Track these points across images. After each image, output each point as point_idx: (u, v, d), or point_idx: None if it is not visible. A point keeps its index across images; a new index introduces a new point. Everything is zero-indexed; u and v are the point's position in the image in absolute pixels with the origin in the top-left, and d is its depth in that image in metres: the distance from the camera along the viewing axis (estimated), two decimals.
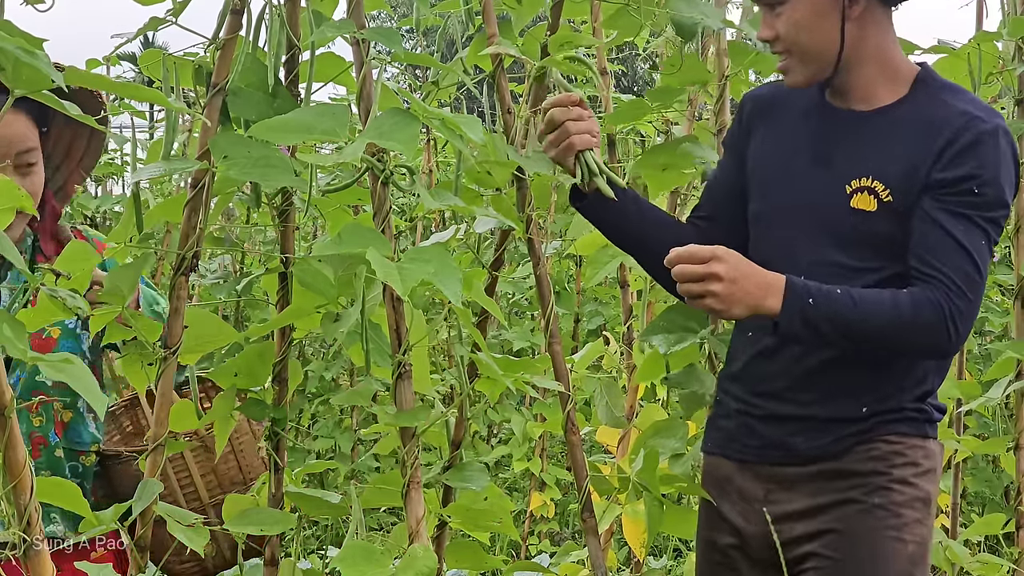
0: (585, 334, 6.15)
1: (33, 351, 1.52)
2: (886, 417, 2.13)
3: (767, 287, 2.00)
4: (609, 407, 2.76)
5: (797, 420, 2.16)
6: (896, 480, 2.12)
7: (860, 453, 2.13)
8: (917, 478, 2.14)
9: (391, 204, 1.96)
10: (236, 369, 2.24)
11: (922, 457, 2.15)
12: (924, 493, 2.15)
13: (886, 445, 2.13)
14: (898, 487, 2.12)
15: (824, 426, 2.14)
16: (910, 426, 2.14)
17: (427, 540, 1.90)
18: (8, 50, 1.40)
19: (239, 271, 6.43)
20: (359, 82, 1.97)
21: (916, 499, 2.13)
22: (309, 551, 5.33)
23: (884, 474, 2.12)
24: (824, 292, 2.00)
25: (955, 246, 1.99)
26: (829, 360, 2.12)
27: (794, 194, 2.15)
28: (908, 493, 2.12)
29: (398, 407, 1.95)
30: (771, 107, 2.25)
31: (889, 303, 2.00)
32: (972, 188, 2.00)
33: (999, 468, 5.56)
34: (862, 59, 2.09)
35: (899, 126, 2.07)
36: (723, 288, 1.97)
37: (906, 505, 2.12)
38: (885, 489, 2.12)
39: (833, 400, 2.14)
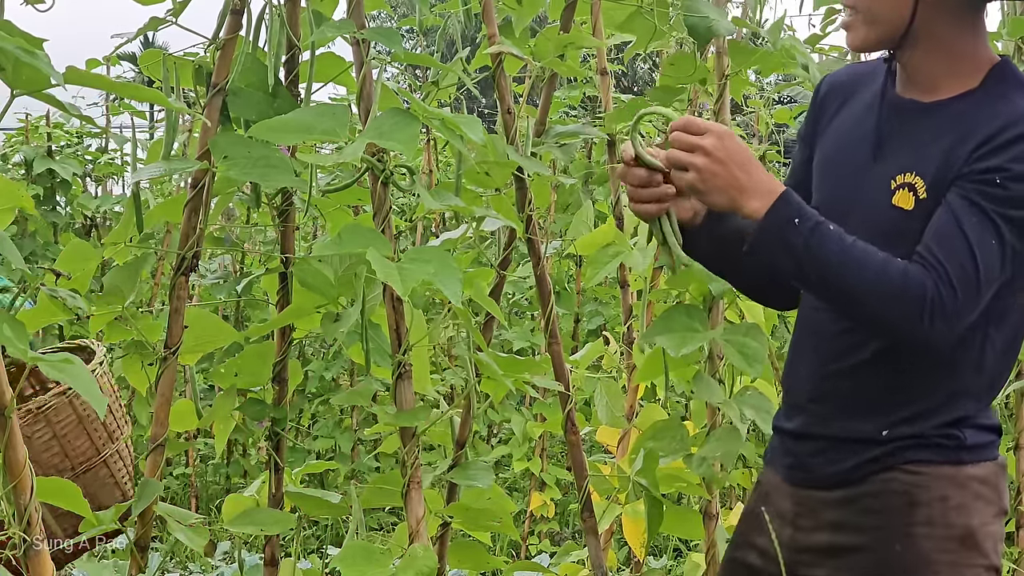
0: (585, 334, 6.15)
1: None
2: (907, 443, 1.91)
3: (757, 184, 1.83)
4: (609, 407, 2.76)
5: (818, 439, 1.99)
6: (920, 522, 1.89)
7: (879, 484, 1.92)
8: (947, 514, 1.89)
9: (391, 204, 1.96)
10: (236, 369, 2.24)
11: (953, 488, 1.89)
12: (960, 530, 1.88)
13: (906, 476, 1.91)
14: (923, 530, 1.88)
15: (843, 447, 1.96)
16: (936, 453, 1.91)
17: (427, 540, 1.90)
18: (8, 50, 1.40)
19: (239, 271, 6.43)
20: (359, 82, 1.97)
21: (948, 539, 1.88)
22: (309, 551, 5.33)
23: (906, 514, 1.90)
24: (817, 219, 1.83)
25: (959, 235, 1.80)
26: (848, 369, 1.96)
27: (845, 189, 1.98)
28: (937, 535, 1.88)
29: (398, 407, 1.95)
30: (844, 93, 2.08)
31: (879, 261, 1.81)
32: (995, 179, 1.80)
33: None
34: (931, 43, 1.91)
35: (953, 120, 1.89)
36: (706, 164, 1.83)
37: (936, 550, 1.88)
38: (907, 536, 1.89)
39: (851, 418, 1.96)
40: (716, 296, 2.62)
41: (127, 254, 2.25)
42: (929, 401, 1.92)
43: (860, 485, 1.94)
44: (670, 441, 2.62)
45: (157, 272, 5.91)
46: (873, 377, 1.95)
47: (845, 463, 1.96)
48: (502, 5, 2.46)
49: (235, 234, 5.97)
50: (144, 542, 2.06)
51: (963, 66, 1.92)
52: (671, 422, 2.67)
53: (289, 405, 2.29)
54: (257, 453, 6.35)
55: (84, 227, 6.91)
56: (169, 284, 2.07)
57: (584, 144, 5.75)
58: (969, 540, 1.89)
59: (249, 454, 6.42)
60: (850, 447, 1.96)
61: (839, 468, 1.97)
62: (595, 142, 5.16)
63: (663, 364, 2.69)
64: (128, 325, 2.17)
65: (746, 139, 5.88)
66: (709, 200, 1.87)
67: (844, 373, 1.97)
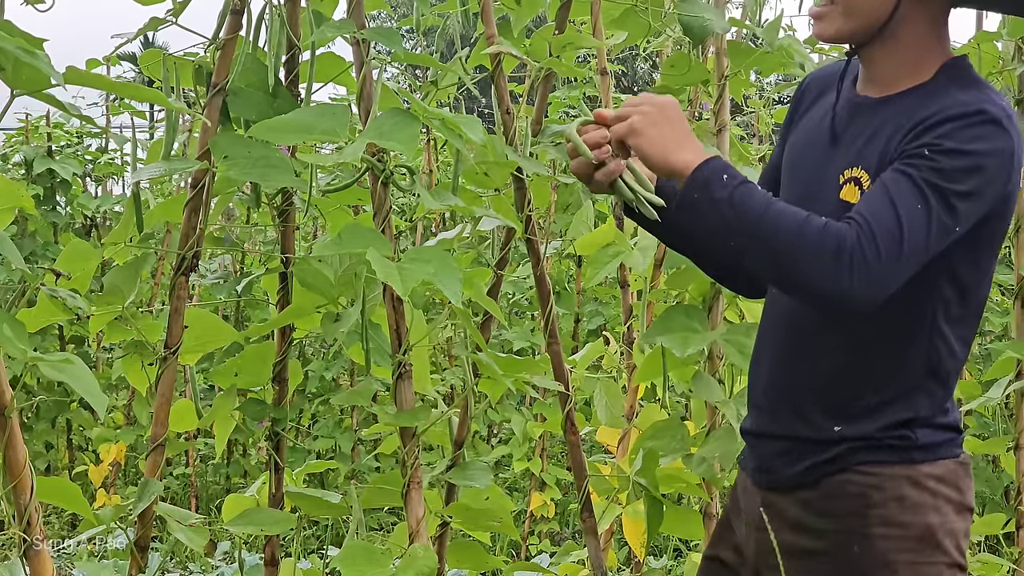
0: (585, 334, 6.15)
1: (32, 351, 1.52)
2: (859, 444, 1.91)
3: (691, 142, 1.86)
4: (609, 407, 2.76)
5: (775, 439, 2.00)
6: (876, 523, 1.88)
7: (835, 485, 1.92)
8: (904, 513, 1.88)
9: (391, 204, 1.97)
10: (236, 369, 2.24)
11: (908, 487, 1.89)
12: (917, 529, 1.88)
13: (861, 476, 1.90)
14: (879, 530, 1.88)
15: (799, 448, 1.96)
16: (890, 453, 1.90)
17: (427, 540, 1.90)
18: (8, 50, 1.40)
19: (239, 271, 6.43)
20: (359, 82, 1.97)
21: (905, 539, 1.88)
22: (309, 551, 5.33)
23: (861, 516, 1.89)
24: (745, 179, 1.82)
25: (885, 199, 1.78)
26: (801, 364, 1.96)
27: (803, 185, 2.01)
28: (893, 535, 1.88)
29: (398, 407, 1.95)
30: (819, 89, 2.10)
31: (803, 215, 1.78)
32: (924, 151, 1.79)
33: (999, 468, 5.56)
34: (900, 42, 1.93)
35: (897, 113, 1.90)
36: (641, 121, 1.86)
37: (894, 550, 1.87)
38: (864, 537, 1.88)
39: (802, 414, 1.96)
40: (716, 295, 2.62)
41: (127, 254, 2.25)
42: (881, 395, 1.91)
43: (817, 487, 1.94)
44: (670, 441, 2.62)
45: (157, 272, 5.91)
46: (824, 372, 1.95)
47: (801, 463, 1.96)
48: (499, 5, 2.46)
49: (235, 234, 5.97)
50: (144, 542, 2.06)
51: (921, 66, 1.94)
52: (671, 422, 2.67)
53: (289, 405, 2.29)
54: (257, 453, 6.35)
55: (84, 227, 6.91)
56: (169, 284, 2.07)
57: None
58: (928, 539, 1.89)
59: (249, 454, 6.42)
60: (806, 447, 1.96)
61: (796, 469, 1.97)
62: None
63: (662, 364, 2.69)
64: (128, 325, 2.18)
65: (746, 139, 5.88)
66: (643, 151, 1.87)
67: (796, 368, 1.98)
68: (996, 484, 5.70)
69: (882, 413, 1.91)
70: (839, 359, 1.94)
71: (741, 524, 2.07)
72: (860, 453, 1.91)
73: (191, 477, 6.15)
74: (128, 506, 2.07)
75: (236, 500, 2.44)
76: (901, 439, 1.91)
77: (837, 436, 1.93)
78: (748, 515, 2.05)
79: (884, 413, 1.91)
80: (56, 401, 6.29)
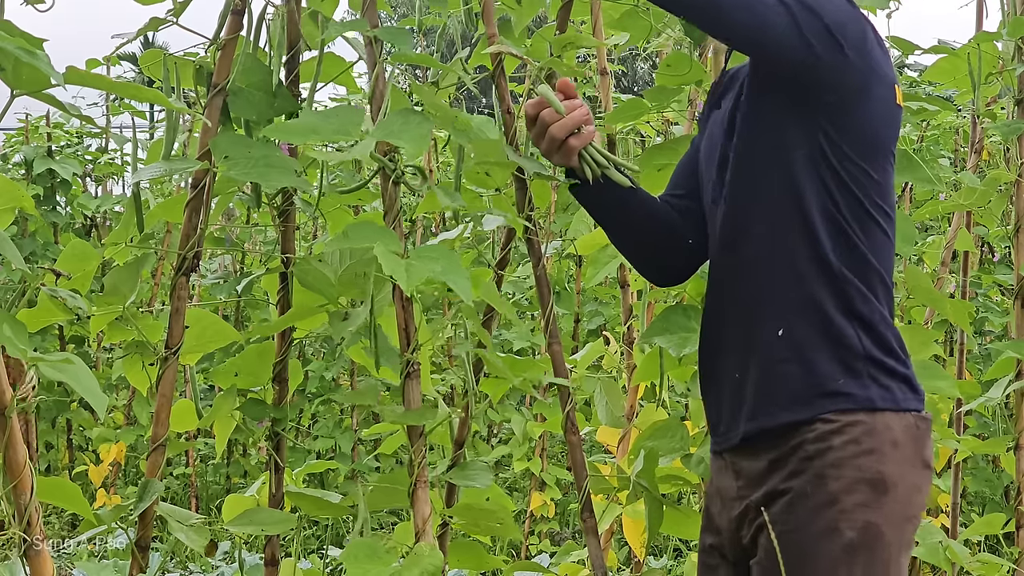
0: (585, 334, 6.15)
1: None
2: (822, 390, 1.97)
3: None
4: (609, 407, 2.76)
5: (738, 394, 2.06)
6: (831, 464, 1.94)
7: (799, 437, 1.97)
8: (858, 457, 1.94)
9: (401, 204, 1.97)
10: (236, 369, 2.24)
11: (865, 434, 1.95)
12: (871, 474, 1.94)
13: (822, 424, 1.96)
14: (832, 471, 1.94)
15: (764, 404, 2.02)
16: (850, 401, 1.96)
17: (433, 539, 1.90)
18: (8, 50, 1.40)
19: (239, 271, 6.43)
20: (372, 81, 1.97)
21: (857, 481, 1.94)
22: (309, 551, 5.33)
23: (817, 458, 1.95)
24: None
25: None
26: (748, 319, 2.04)
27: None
28: (847, 476, 1.93)
29: (406, 406, 1.95)
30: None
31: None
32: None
33: (999, 468, 5.56)
34: None
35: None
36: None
37: (844, 491, 1.93)
38: (818, 476, 1.94)
39: (767, 371, 2.02)
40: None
41: (127, 254, 2.25)
42: (837, 345, 1.98)
43: (785, 443, 1.99)
44: (669, 441, 2.62)
45: (157, 272, 5.91)
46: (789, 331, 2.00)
47: (765, 420, 2.01)
48: (500, 5, 2.46)
49: (235, 234, 5.97)
50: (145, 542, 2.06)
51: None
52: (670, 422, 2.67)
53: (289, 405, 2.29)
54: (257, 453, 6.35)
55: (84, 227, 6.91)
56: (169, 284, 2.07)
57: None
58: (880, 485, 1.94)
59: (249, 454, 6.42)
60: (770, 403, 2.01)
61: (760, 424, 2.02)
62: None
63: (661, 364, 2.69)
64: (128, 325, 2.18)
65: None
66: None
67: (748, 322, 2.04)
68: (996, 484, 5.70)
69: (842, 361, 1.98)
70: (762, 279, 2.02)
71: (716, 502, 2.13)
72: (825, 400, 1.97)
73: (191, 477, 6.15)
74: (128, 506, 2.07)
75: (236, 500, 2.44)
76: (861, 388, 1.97)
77: (801, 390, 1.99)
78: (725, 490, 2.10)
79: (843, 361, 1.98)
80: (56, 401, 6.29)
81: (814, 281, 1.99)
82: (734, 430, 2.06)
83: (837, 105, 1.98)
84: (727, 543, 2.11)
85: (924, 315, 3.85)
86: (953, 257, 4.01)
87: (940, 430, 3.36)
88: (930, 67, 3.42)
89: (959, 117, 5.79)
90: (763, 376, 2.02)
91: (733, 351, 2.07)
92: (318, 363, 6.21)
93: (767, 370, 2.02)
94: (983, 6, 3.57)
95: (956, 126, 6.17)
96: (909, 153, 2.79)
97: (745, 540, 2.05)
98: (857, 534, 1.93)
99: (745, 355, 2.05)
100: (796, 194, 1.99)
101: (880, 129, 2.03)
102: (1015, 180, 3.25)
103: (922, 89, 5.57)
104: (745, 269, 2.05)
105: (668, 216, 2.22)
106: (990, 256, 6.30)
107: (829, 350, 1.98)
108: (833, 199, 1.99)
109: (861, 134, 2.00)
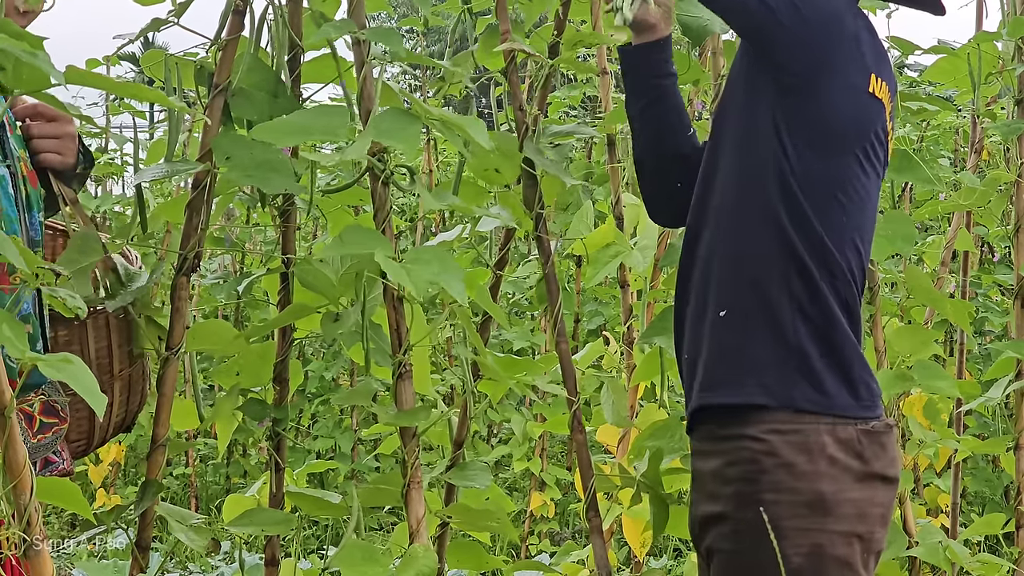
0: (585, 334, 6.15)
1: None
2: (755, 378, 1.95)
3: None
4: (615, 407, 2.75)
5: (691, 395, 2.06)
6: (767, 488, 1.92)
7: (732, 452, 1.96)
8: (794, 480, 1.91)
9: (392, 204, 1.96)
10: (237, 369, 2.24)
11: (799, 454, 1.92)
12: (808, 496, 1.91)
13: (755, 444, 1.93)
14: (770, 496, 1.91)
15: (699, 408, 2.02)
16: (773, 398, 1.93)
17: (427, 540, 1.90)
18: (8, 50, 1.40)
19: (239, 271, 6.43)
20: (359, 82, 1.97)
21: (795, 504, 1.91)
22: (309, 551, 5.33)
23: (754, 482, 1.93)
24: None
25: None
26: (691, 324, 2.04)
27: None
28: (784, 500, 1.91)
29: (398, 407, 1.95)
30: None
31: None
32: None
33: (999, 468, 5.56)
34: None
35: None
36: None
37: (784, 516, 1.90)
38: (757, 502, 1.91)
39: (697, 376, 2.02)
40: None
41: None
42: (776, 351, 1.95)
43: (722, 454, 1.98)
44: (669, 441, 2.62)
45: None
46: (724, 329, 2.00)
47: (710, 424, 2.02)
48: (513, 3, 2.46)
49: (235, 234, 5.97)
50: (145, 542, 2.06)
51: None
52: (670, 422, 2.67)
53: (289, 405, 2.29)
54: (257, 453, 6.35)
55: None
56: (170, 284, 2.07)
57: (584, 144, 5.75)
58: (819, 506, 1.91)
59: (249, 454, 6.42)
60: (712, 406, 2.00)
61: (705, 428, 2.03)
62: (595, 142, 5.15)
63: (660, 364, 2.69)
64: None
65: None
66: None
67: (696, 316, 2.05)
68: (996, 484, 5.70)
69: (774, 367, 1.95)
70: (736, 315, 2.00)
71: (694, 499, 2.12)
72: (756, 413, 1.94)
73: (191, 477, 6.15)
74: (128, 506, 2.07)
75: (236, 500, 2.44)
76: (795, 382, 1.94)
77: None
78: (692, 488, 2.10)
79: (775, 367, 1.95)
80: None
81: (765, 264, 1.97)
82: (688, 406, 2.08)
83: (793, 86, 1.98)
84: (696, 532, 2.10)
85: (924, 315, 3.85)
86: (953, 257, 4.01)
87: (940, 430, 3.36)
88: (930, 67, 3.42)
89: (959, 117, 5.79)
90: (708, 355, 2.01)
91: (689, 329, 2.07)
92: (318, 363, 6.21)
93: (711, 349, 2.01)
94: (983, 6, 3.58)
95: (956, 126, 6.17)
96: (909, 153, 2.79)
97: (701, 551, 2.06)
98: (803, 559, 1.90)
99: (698, 333, 2.04)
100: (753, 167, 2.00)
101: (840, 119, 2.01)
102: (1015, 180, 3.25)
103: (922, 89, 5.57)
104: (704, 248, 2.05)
105: (688, 142, 2.22)
106: (990, 256, 6.30)
107: (766, 336, 1.96)
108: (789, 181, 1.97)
109: (816, 120, 1.99)
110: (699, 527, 2.05)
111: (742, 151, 2.02)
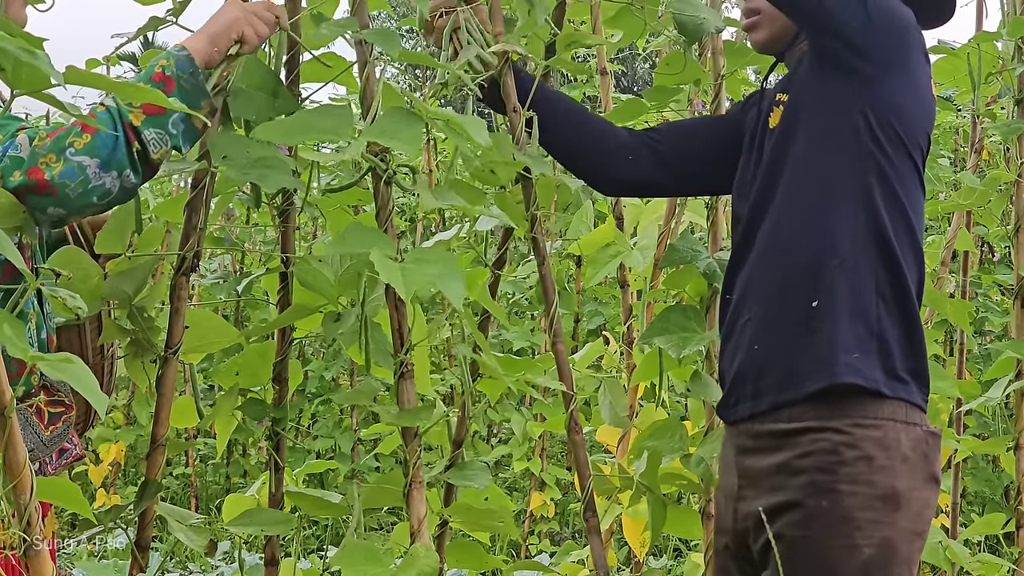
0: (585, 334, 6.15)
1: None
2: (826, 399, 1.99)
3: None
4: (613, 407, 2.75)
5: (753, 398, 2.08)
6: (844, 480, 1.96)
7: (809, 443, 1.99)
8: (872, 474, 1.96)
9: (393, 204, 1.96)
10: (237, 368, 2.24)
11: (878, 449, 1.97)
12: (883, 490, 1.96)
13: (836, 435, 1.97)
14: (847, 487, 1.96)
15: (774, 407, 2.04)
16: (860, 377, 1.98)
17: (429, 540, 1.89)
18: (8, 50, 1.39)
19: (239, 271, 6.43)
20: (362, 81, 1.97)
21: (871, 498, 1.96)
22: (309, 551, 5.33)
23: (831, 472, 1.96)
24: None
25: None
26: (758, 321, 2.07)
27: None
28: (860, 492, 1.95)
29: (400, 407, 1.95)
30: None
31: None
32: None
33: (999, 468, 5.56)
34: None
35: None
36: None
37: (859, 507, 1.95)
38: (832, 491, 1.96)
39: (769, 372, 2.05)
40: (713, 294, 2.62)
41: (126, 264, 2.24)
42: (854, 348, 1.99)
43: (793, 448, 2.01)
44: (669, 441, 2.62)
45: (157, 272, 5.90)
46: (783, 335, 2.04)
47: (778, 423, 2.03)
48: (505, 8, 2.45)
49: (235, 234, 5.97)
50: (145, 542, 2.06)
51: None
52: (670, 422, 2.67)
53: (289, 405, 2.29)
54: (257, 453, 6.35)
55: None
56: (169, 284, 2.06)
57: None
58: (892, 500, 1.97)
59: (249, 454, 6.42)
60: (779, 405, 2.03)
61: (771, 427, 2.04)
62: None
63: (660, 364, 2.69)
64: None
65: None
66: None
67: (758, 324, 2.07)
68: (996, 484, 5.70)
69: (856, 366, 1.98)
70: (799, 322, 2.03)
71: (721, 499, 2.17)
72: (835, 406, 1.99)
73: (191, 477, 6.15)
74: (128, 506, 2.07)
75: (236, 500, 2.44)
76: (869, 382, 1.98)
77: (806, 395, 2.01)
78: (727, 489, 2.13)
79: (856, 366, 1.98)
80: None
81: (853, 252, 2.01)
82: (744, 403, 2.09)
83: (871, 77, 2.02)
84: (732, 543, 2.12)
85: (924, 315, 3.85)
86: (953, 257, 4.01)
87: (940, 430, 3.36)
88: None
89: (959, 117, 5.79)
90: (789, 350, 2.03)
91: (754, 321, 2.09)
92: (318, 363, 6.21)
93: (793, 344, 2.03)
94: (983, 6, 3.58)
95: (956, 126, 6.17)
96: None
97: (754, 548, 2.06)
98: (875, 551, 1.95)
99: (767, 324, 2.07)
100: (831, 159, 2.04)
101: (910, 112, 2.07)
102: (1015, 180, 3.25)
103: None
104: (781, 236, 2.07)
105: (607, 131, 2.34)
106: (990, 256, 6.30)
107: (856, 325, 2.00)
108: (885, 171, 2.03)
109: (892, 111, 2.04)
110: (748, 522, 2.06)
111: (828, 151, 2.05)
